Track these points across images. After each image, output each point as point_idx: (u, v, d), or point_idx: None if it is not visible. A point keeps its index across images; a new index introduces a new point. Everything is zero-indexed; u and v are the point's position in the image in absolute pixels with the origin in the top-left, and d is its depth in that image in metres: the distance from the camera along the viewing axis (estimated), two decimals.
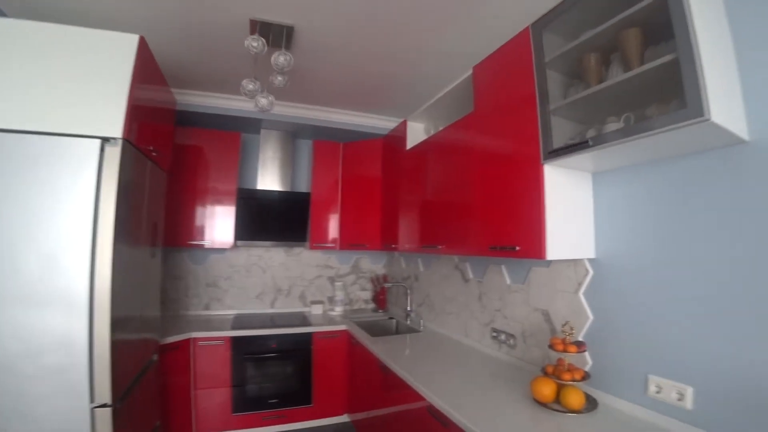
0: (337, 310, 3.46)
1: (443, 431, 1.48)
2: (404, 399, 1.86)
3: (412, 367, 1.91)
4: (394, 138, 2.98)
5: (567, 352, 1.45)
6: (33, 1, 1.75)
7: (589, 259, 1.57)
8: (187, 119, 2.95)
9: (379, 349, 2.28)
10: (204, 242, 2.97)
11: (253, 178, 3.32)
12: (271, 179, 3.27)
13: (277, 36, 1.98)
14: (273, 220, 3.22)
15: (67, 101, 1.50)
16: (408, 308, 3.11)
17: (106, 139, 1.51)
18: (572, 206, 1.53)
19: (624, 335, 1.42)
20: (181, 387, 2.50)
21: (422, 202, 2.46)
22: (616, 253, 1.48)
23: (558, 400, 1.43)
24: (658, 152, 1.26)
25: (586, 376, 1.44)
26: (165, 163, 2.25)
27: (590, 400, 1.44)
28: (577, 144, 1.30)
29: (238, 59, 2.24)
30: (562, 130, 1.46)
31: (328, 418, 2.95)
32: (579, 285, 1.61)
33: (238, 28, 1.94)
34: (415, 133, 2.79)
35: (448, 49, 2.13)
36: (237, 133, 3.11)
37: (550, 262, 1.78)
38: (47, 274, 1.39)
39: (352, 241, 3.31)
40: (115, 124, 1.54)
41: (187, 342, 2.56)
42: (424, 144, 2.49)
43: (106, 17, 1.85)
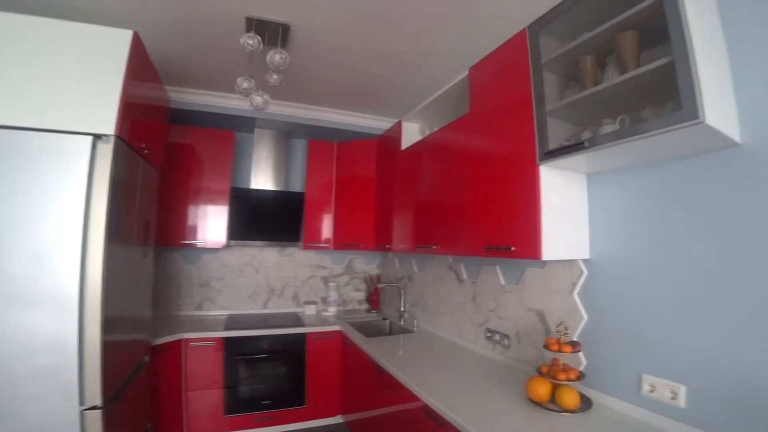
0: (331, 311, 3.44)
1: (439, 431, 1.48)
2: (399, 399, 1.85)
3: (406, 368, 1.91)
4: (389, 138, 2.97)
5: (562, 352, 1.46)
6: None
7: (584, 260, 1.59)
8: (180, 117, 2.91)
9: (372, 349, 2.27)
10: (197, 242, 2.93)
11: (247, 178, 3.29)
12: (264, 179, 3.24)
13: (273, 34, 1.96)
14: (266, 220, 3.19)
15: (58, 97, 1.47)
16: (402, 309, 3.11)
17: (98, 136, 1.48)
18: (568, 207, 1.55)
19: (618, 335, 1.43)
20: (172, 388, 2.46)
21: (417, 203, 2.46)
22: (611, 254, 1.49)
23: (553, 399, 1.44)
24: (653, 154, 1.28)
25: (581, 376, 1.45)
26: (157, 161, 2.22)
27: (585, 399, 1.45)
28: (572, 145, 1.31)
29: (233, 57, 2.22)
30: (558, 131, 1.47)
31: (322, 420, 2.93)
32: (573, 285, 1.62)
33: (234, 25, 1.92)
34: (410, 133, 2.79)
35: (445, 50, 2.13)
36: (231, 132, 3.08)
37: (544, 263, 1.79)
38: (37, 273, 1.36)
39: (345, 242, 3.29)
40: (107, 120, 1.51)
41: (179, 343, 2.52)
42: (419, 144, 2.50)
43: (99, 12, 1.81)
